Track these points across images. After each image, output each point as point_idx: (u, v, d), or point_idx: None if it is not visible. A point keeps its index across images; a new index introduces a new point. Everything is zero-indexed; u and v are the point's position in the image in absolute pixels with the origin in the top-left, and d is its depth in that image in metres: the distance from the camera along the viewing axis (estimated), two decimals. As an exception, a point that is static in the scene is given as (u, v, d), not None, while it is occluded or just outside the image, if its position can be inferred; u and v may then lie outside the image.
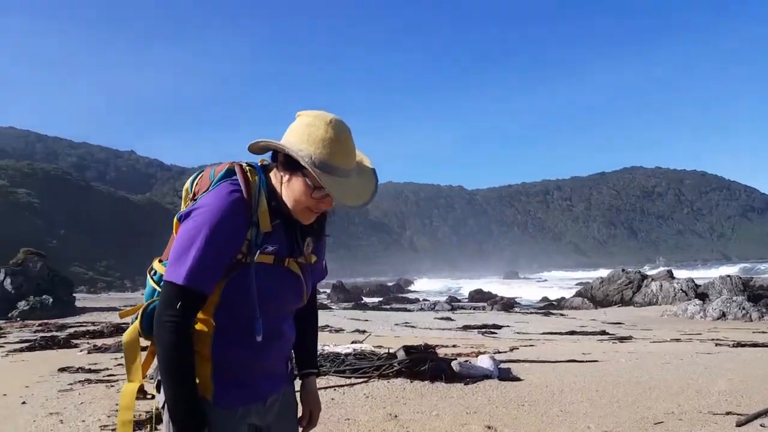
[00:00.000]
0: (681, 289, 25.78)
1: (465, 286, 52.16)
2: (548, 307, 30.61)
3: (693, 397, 5.10)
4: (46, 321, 17.45)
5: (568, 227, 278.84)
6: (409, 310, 28.42)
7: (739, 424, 4.25)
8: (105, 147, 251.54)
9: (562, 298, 33.88)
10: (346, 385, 5.69)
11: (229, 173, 1.57)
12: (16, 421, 4.81)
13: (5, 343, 12.51)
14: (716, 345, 9.78)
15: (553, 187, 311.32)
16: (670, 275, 30.18)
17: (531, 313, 25.43)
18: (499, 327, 16.73)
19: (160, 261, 1.61)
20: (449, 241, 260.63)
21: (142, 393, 1.53)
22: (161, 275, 1.52)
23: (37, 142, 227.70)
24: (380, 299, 39.94)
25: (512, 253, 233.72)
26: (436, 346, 9.43)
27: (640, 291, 28.32)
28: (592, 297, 29.92)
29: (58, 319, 18.16)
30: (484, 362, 6.51)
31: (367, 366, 6.12)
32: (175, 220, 1.56)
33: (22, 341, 11.64)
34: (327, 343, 7.58)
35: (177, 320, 1.41)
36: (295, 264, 1.61)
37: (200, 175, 1.66)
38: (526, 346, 10.38)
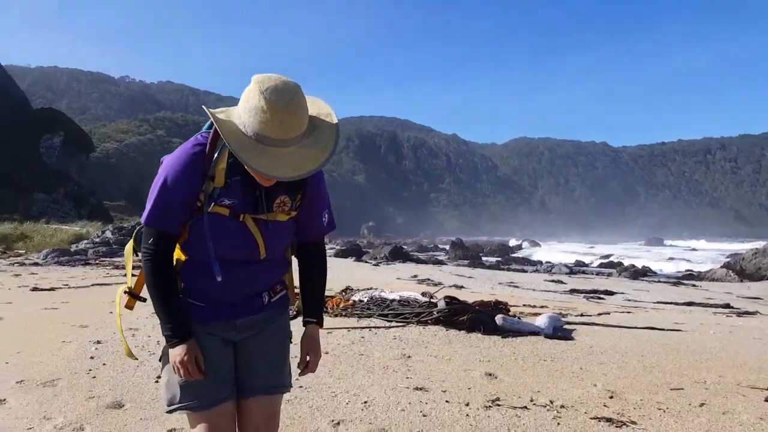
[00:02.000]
0: None
1: (598, 252, 48.94)
2: (686, 277, 27.97)
3: (745, 371, 4.48)
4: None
5: (729, 192, 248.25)
6: (524, 271, 27.60)
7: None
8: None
9: (709, 270, 30.72)
10: (383, 327, 5.81)
11: (210, 127, 1.71)
12: (110, 333, 5.71)
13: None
14: None
15: (716, 146, 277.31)
16: None
17: (659, 282, 23.37)
18: (612, 293, 15.63)
19: None
20: (586, 203, 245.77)
21: (135, 296, 1.84)
22: None
23: (190, 96, 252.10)
24: (499, 259, 39.04)
25: (659, 218, 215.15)
26: (523, 305, 9.14)
27: (801, 266, 24.70)
28: (742, 270, 26.67)
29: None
30: (539, 320, 6.22)
31: (408, 312, 6.17)
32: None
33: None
34: (383, 289, 7.71)
35: (150, 250, 1.68)
36: (251, 220, 1.71)
37: None
38: (623, 312, 9.68)
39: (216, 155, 1.64)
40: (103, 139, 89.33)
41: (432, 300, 6.46)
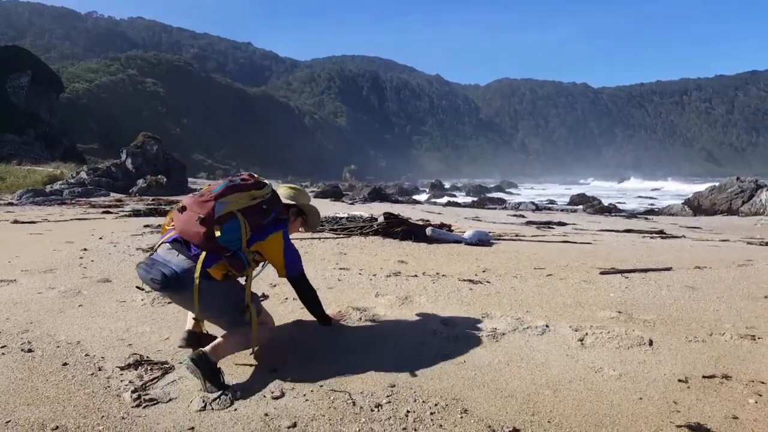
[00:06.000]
0: (796, 200, 23.46)
1: (572, 192, 50.88)
2: (646, 213, 29.50)
3: (606, 261, 5.61)
4: (158, 197, 20.30)
5: (702, 132, 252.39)
6: (492, 209, 28.92)
7: (602, 273, 4.85)
8: (224, 38, 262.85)
9: (667, 206, 32.31)
10: (330, 237, 6.86)
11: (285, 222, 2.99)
12: (94, 245, 6.58)
13: (120, 211, 15.20)
14: (747, 244, 9.61)
15: (693, 87, 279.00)
16: (796, 186, 27.27)
17: (616, 216, 24.81)
18: (564, 224, 16.73)
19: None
20: (565, 144, 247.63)
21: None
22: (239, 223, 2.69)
23: (162, 33, 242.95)
24: (475, 199, 40.49)
25: (635, 158, 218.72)
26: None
27: (750, 201, 26.21)
28: (699, 205, 28.16)
29: (170, 197, 20.85)
30: (466, 233, 7.30)
31: (353, 226, 7.22)
32: (280, 234, 2.89)
33: (132, 210, 14.10)
34: (337, 212, 8.72)
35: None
36: None
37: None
38: (558, 235, 10.77)
39: None
40: (72, 79, 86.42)
41: (374, 216, 7.49)
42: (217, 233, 2.58)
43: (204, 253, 2.60)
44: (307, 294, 3.10)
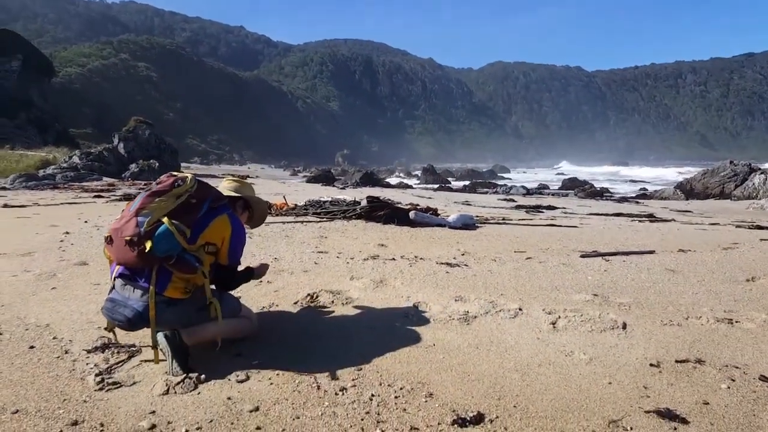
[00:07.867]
0: (789, 184, 23.37)
1: (566, 175, 50.96)
2: (639, 197, 29.56)
3: (588, 245, 5.61)
4: (150, 182, 20.19)
5: (697, 116, 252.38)
6: (484, 193, 28.91)
7: (583, 256, 4.84)
8: (216, 22, 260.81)
9: (658, 190, 32.33)
10: (313, 221, 6.82)
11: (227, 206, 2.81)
12: (77, 228, 6.55)
13: (111, 195, 15.17)
14: (736, 227, 9.64)
15: (687, 70, 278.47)
16: (788, 168, 27.13)
17: (608, 200, 24.84)
18: (554, 208, 16.77)
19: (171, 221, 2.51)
20: (558, 128, 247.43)
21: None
22: (166, 228, 2.45)
23: (155, 17, 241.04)
24: (466, 183, 40.47)
25: (627, 143, 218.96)
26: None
27: (743, 184, 26.10)
28: (691, 189, 28.10)
29: (162, 181, 20.69)
30: (450, 217, 7.27)
31: (336, 210, 7.18)
32: (226, 217, 2.70)
33: (124, 194, 14.08)
34: (321, 195, 8.67)
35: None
36: None
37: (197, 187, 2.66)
38: (546, 219, 10.76)
39: None
40: (65, 64, 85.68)
41: (357, 200, 7.45)
42: (148, 245, 2.40)
43: (152, 284, 2.48)
44: (234, 281, 2.88)
